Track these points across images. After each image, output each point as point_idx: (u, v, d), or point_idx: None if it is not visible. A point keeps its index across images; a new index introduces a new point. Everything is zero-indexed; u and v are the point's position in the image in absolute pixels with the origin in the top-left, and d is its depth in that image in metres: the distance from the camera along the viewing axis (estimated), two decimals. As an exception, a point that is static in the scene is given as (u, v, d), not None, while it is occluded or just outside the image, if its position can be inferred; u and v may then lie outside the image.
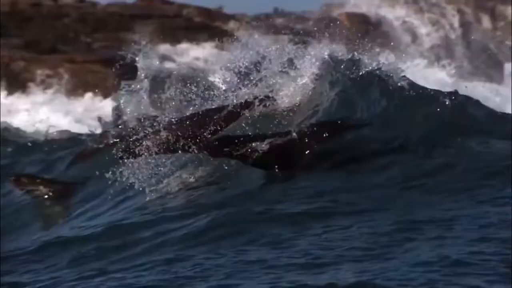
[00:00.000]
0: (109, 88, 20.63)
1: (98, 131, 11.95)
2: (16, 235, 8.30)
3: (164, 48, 23.39)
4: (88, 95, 22.79)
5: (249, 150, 7.30)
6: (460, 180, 6.76)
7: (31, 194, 9.18)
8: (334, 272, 5.24)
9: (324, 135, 7.45)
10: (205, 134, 7.39)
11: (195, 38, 22.11)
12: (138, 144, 7.48)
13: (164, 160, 7.70)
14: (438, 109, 7.82)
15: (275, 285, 5.05)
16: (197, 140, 7.35)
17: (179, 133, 7.42)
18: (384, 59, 8.34)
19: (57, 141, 11.49)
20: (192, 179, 7.80)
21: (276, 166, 7.37)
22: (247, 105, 7.69)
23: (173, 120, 7.57)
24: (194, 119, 7.49)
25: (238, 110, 7.63)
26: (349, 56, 8.50)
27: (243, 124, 7.81)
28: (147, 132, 7.56)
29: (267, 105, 7.85)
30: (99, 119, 10.92)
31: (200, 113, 7.60)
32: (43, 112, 20.27)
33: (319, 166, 7.31)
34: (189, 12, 26.82)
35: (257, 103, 7.71)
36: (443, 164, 7.09)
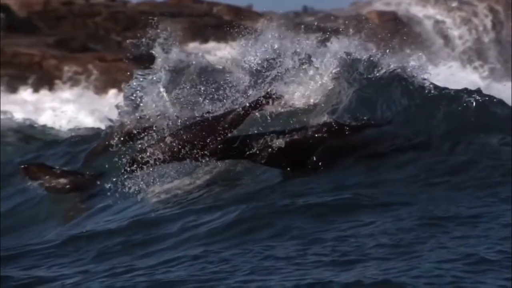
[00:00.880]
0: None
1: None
2: (39, 228, 8.29)
3: (193, 46, 23.45)
4: (115, 92, 22.88)
5: (265, 148, 7.24)
6: (482, 177, 6.74)
7: (45, 185, 8.96)
8: (360, 269, 5.22)
9: (345, 131, 7.41)
10: (212, 140, 7.31)
11: (224, 37, 22.16)
12: (144, 156, 7.42)
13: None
14: (461, 108, 7.80)
15: (301, 281, 5.05)
16: (205, 147, 7.29)
17: (185, 141, 7.34)
18: (412, 59, 8.32)
19: (82, 138, 11.48)
20: (215, 174, 7.80)
21: (294, 163, 7.32)
22: (253, 106, 7.58)
23: (179, 127, 7.52)
24: (200, 126, 7.40)
25: (244, 112, 7.51)
26: (373, 55, 8.49)
27: (261, 122, 7.81)
28: (152, 140, 7.54)
29: (274, 103, 7.74)
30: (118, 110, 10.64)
31: (205, 119, 7.50)
32: (70, 109, 20.36)
33: (341, 162, 7.29)
34: (219, 10, 26.89)
35: (263, 102, 7.59)
36: (465, 162, 7.06)
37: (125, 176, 7.45)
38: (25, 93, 23.46)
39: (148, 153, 7.39)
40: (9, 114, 17.80)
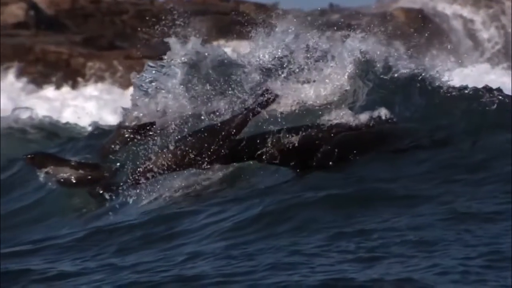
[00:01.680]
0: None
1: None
2: (60, 222, 8.27)
3: (218, 44, 23.48)
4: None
5: (278, 147, 7.16)
6: (503, 174, 6.69)
7: (58, 177, 8.63)
8: (383, 265, 5.20)
9: (360, 128, 7.38)
10: (217, 147, 7.31)
11: (248, 34, 22.15)
12: (148, 166, 7.46)
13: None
14: (481, 106, 7.77)
15: (323, 276, 5.04)
16: (211, 155, 7.28)
17: (190, 149, 7.36)
18: (437, 59, 8.30)
19: (105, 134, 11.51)
20: (236, 168, 7.76)
21: (309, 162, 7.24)
22: (254, 110, 7.53)
23: (182, 135, 7.53)
24: (203, 134, 7.42)
25: (245, 117, 7.47)
26: (392, 55, 8.46)
27: (274, 120, 7.79)
28: (155, 147, 7.54)
29: (272, 102, 7.61)
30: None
31: (208, 127, 7.51)
32: (94, 106, 20.47)
33: (361, 157, 7.25)
34: (245, 8, 26.90)
35: (263, 103, 7.52)
36: (486, 159, 7.03)
37: (129, 186, 7.47)
38: (51, 90, 23.61)
39: (152, 163, 7.41)
40: (34, 111, 17.88)
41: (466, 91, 8.03)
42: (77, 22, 27.41)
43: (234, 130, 7.39)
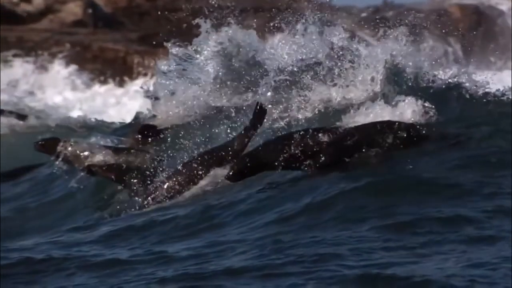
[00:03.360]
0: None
1: None
2: (96, 212, 8.28)
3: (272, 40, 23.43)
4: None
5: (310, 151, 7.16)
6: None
7: (84, 163, 8.32)
8: (429, 261, 5.16)
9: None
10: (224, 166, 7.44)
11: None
12: (156, 188, 7.56)
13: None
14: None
15: (365, 270, 5.04)
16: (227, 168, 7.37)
17: (196, 172, 7.54)
18: (487, 58, 8.24)
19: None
20: None
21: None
22: (254, 126, 7.66)
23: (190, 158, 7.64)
24: (209, 155, 7.60)
25: (247, 135, 7.60)
26: (419, 62, 8.37)
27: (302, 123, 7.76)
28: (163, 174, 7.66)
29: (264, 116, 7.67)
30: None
31: (212, 150, 7.68)
32: (138, 104, 20.60)
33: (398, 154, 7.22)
34: (300, 4, 26.82)
35: (259, 118, 7.59)
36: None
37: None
38: (107, 87, 23.86)
39: (162, 185, 7.59)
40: (90, 107, 18.07)
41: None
42: (134, 19, 27.69)
43: (239, 148, 7.59)
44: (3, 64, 22.63)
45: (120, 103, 20.89)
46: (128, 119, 16.81)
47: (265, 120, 7.81)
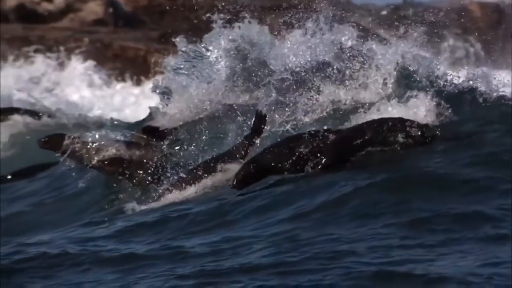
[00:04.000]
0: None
1: None
2: (108, 207, 8.29)
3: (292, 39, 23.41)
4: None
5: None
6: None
7: (90, 158, 8.21)
8: (446, 258, 5.13)
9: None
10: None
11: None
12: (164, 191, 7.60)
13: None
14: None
15: (382, 268, 5.02)
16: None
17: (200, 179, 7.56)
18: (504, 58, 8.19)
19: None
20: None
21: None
22: (255, 134, 7.67)
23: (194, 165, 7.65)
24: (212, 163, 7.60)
25: (248, 144, 7.61)
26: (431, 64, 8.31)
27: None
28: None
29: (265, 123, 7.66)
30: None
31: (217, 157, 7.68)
32: (154, 103, 20.60)
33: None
34: (319, 2, 26.77)
35: (259, 125, 7.60)
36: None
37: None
38: (128, 86, 23.93)
39: (169, 189, 7.63)
40: (106, 106, 18.10)
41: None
42: (154, 18, 27.77)
43: (240, 156, 7.60)
44: (24, 60, 22.71)
45: (137, 102, 20.92)
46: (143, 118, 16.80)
47: (266, 126, 7.78)
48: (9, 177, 10.35)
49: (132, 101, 21.33)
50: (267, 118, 7.78)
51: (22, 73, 21.62)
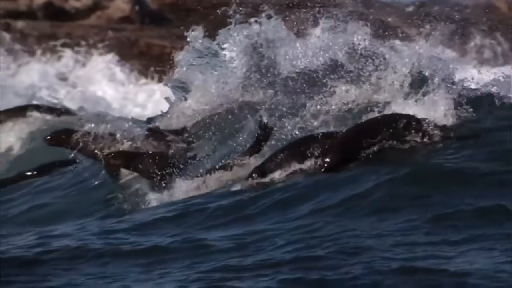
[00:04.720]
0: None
1: None
2: (139, 203, 8.13)
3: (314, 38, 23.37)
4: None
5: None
6: None
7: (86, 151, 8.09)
8: (468, 255, 5.12)
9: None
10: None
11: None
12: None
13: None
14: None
15: (405, 263, 5.01)
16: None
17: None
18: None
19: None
20: None
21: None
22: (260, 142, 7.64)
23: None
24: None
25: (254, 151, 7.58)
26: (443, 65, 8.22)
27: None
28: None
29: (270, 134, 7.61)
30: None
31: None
32: (174, 99, 20.62)
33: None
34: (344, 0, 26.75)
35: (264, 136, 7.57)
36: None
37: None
38: (146, 82, 24.02)
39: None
40: (127, 103, 18.11)
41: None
42: (180, 15, 27.87)
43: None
44: (50, 55, 22.84)
45: (158, 98, 21.00)
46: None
47: (271, 134, 7.70)
48: (28, 173, 10.39)
49: (153, 98, 21.38)
50: (271, 128, 7.68)
51: (48, 69, 21.74)
